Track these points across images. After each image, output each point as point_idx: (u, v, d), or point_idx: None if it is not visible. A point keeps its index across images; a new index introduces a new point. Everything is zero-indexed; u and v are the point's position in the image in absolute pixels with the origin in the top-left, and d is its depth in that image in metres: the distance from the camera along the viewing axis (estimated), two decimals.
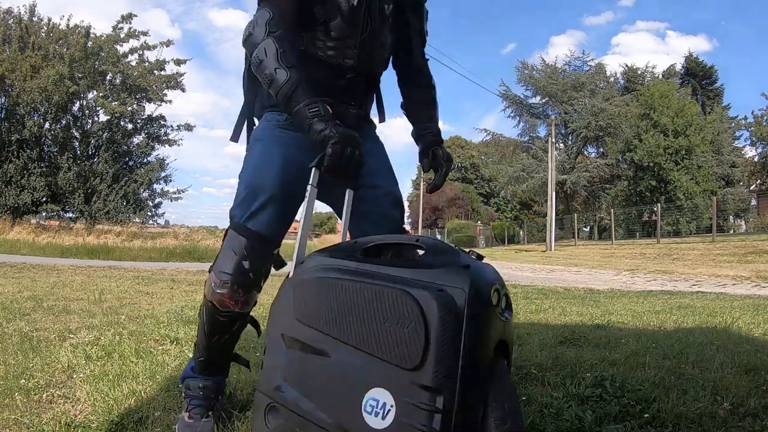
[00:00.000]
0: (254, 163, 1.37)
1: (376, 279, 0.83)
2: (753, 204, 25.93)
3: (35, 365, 1.95)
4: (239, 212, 1.33)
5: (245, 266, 1.32)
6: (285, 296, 1.00)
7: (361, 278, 0.84)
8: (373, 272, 0.86)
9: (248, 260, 1.32)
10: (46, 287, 4.85)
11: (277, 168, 1.34)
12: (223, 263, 1.32)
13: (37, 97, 14.72)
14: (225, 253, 1.33)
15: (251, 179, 1.35)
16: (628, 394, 1.68)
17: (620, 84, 31.15)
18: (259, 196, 1.32)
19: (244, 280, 1.33)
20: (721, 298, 5.53)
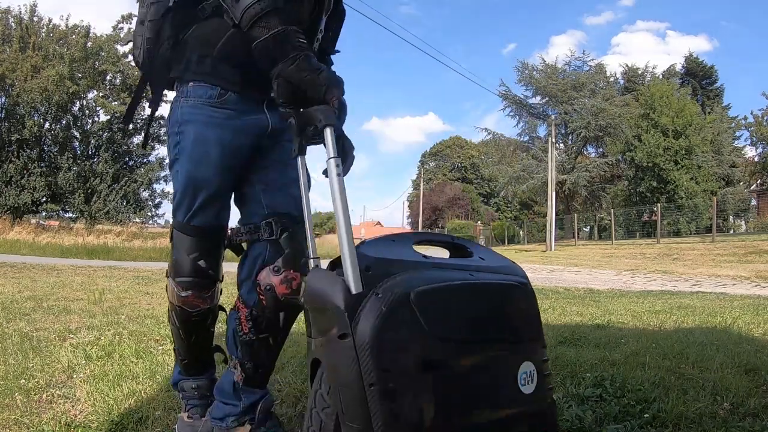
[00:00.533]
0: (189, 155, 1.22)
1: (481, 273, 0.92)
2: (753, 204, 25.92)
3: (35, 365, 1.95)
4: (181, 212, 1.25)
5: (202, 265, 1.25)
6: (382, 319, 0.76)
7: (472, 275, 0.89)
8: (468, 266, 0.92)
9: (203, 258, 1.25)
10: (46, 287, 4.85)
11: (217, 160, 1.22)
12: (179, 268, 1.25)
13: (38, 97, 14.73)
14: (177, 256, 1.26)
15: (189, 175, 1.23)
16: (628, 394, 1.68)
17: (620, 84, 31.17)
18: (199, 193, 1.23)
19: (204, 279, 1.27)
20: (721, 298, 5.53)
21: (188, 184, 1.23)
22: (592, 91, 28.27)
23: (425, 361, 0.77)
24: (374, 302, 0.76)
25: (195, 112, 1.22)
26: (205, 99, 1.22)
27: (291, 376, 1.84)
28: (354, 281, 0.78)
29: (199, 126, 1.22)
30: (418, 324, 0.77)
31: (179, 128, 1.24)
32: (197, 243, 1.24)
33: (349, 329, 0.75)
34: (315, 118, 0.98)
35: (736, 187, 26.25)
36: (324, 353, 0.79)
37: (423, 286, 0.79)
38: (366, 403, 0.72)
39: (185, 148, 1.23)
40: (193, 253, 1.24)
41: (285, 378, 1.81)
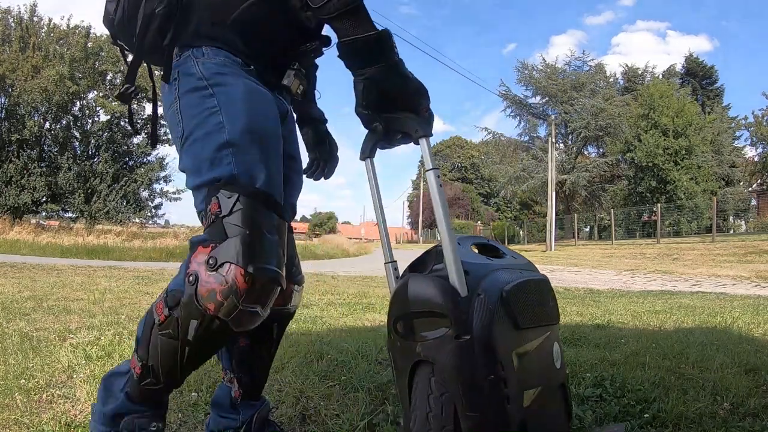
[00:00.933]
0: (244, 102, 0.98)
1: (524, 271, 1.03)
2: (753, 204, 25.93)
3: (35, 365, 1.95)
4: (258, 173, 0.95)
5: (283, 252, 0.98)
6: (489, 317, 0.86)
7: (522, 273, 1.01)
8: (518, 265, 1.04)
9: (280, 246, 0.97)
10: (46, 287, 4.86)
11: (275, 110, 1.04)
12: (265, 250, 0.92)
13: (38, 97, 14.74)
14: (256, 236, 0.92)
15: (250, 126, 0.96)
16: (628, 394, 1.68)
17: (620, 84, 31.19)
18: (270, 146, 0.99)
19: (283, 271, 0.97)
20: (721, 298, 5.53)
21: (248, 132, 0.96)
22: (592, 91, 28.29)
23: (518, 350, 0.89)
24: (480, 303, 0.86)
25: (229, 67, 1.02)
26: (231, 62, 1.03)
27: (291, 376, 1.84)
28: (461, 286, 0.87)
29: (243, 77, 1.01)
30: (512, 318, 0.88)
31: (211, 81, 0.99)
32: (278, 224, 0.97)
33: (466, 329, 0.84)
34: (410, 127, 0.96)
35: (736, 187, 26.27)
36: (438, 354, 0.86)
37: (507, 286, 0.90)
38: (483, 393, 0.83)
39: (233, 96, 0.98)
40: (275, 233, 0.96)
41: (285, 378, 1.81)
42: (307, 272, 8.18)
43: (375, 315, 3.65)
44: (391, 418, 1.45)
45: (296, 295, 1.23)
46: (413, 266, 0.98)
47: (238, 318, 0.91)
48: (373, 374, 1.87)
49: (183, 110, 1.00)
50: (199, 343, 0.95)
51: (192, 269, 0.92)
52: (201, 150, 0.97)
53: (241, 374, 1.21)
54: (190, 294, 0.92)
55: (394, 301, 0.94)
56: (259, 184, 0.95)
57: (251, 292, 0.90)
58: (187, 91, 1.00)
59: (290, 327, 2.96)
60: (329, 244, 21.60)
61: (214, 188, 0.95)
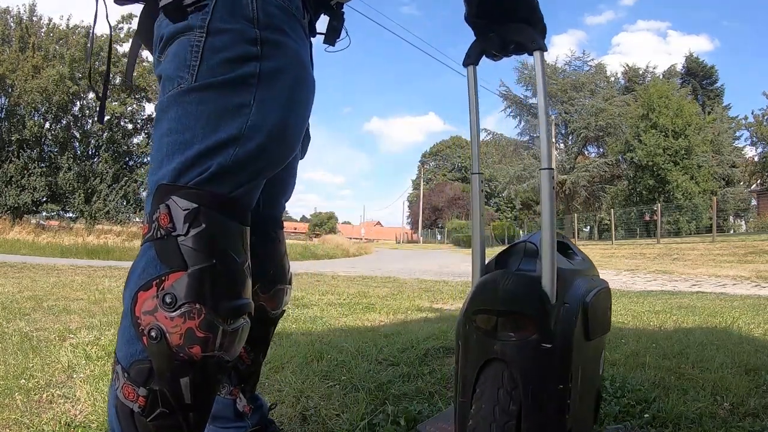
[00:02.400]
0: (290, 90, 0.77)
1: (594, 278, 1.02)
2: (753, 204, 25.93)
3: (35, 365, 1.95)
4: (240, 176, 0.76)
5: (247, 274, 0.80)
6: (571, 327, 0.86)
7: (593, 279, 1.01)
8: (589, 270, 1.04)
9: (248, 264, 0.80)
10: (46, 287, 4.85)
11: (310, 109, 0.86)
12: (236, 282, 0.76)
13: (38, 97, 14.74)
14: (225, 261, 0.74)
15: (285, 124, 0.78)
16: (628, 394, 1.68)
17: (621, 84, 31.19)
18: (281, 157, 0.81)
19: (250, 298, 0.82)
20: (721, 298, 5.52)
21: (277, 139, 0.77)
22: (592, 91, 28.30)
23: (582, 361, 0.90)
24: (566, 312, 0.86)
25: (289, 19, 0.78)
26: (293, 6, 0.80)
27: (291, 376, 1.84)
28: (552, 293, 0.85)
29: (300, 46, 0.80)
30: (587, 330, 0.89)
31: (265, 33, 0.74)
32: (242, 234, 0.78)
33: (550, 337, 0.84)
34: (526, 37, 0.91)
35: (736, 187, 26.26)
36: (516, 356, 0.86)
37: (588, 296, 0.90)
38: (551, 401, 0.84)
39: (283, 74, 0.76)
40: (243, 253, 0.78)
41: (285, 378, 1.81)
42: (307, 272, 8.16)
43: (375, 315, 3.65)
44: (391, 418, 1.45)
45: (288, 294, 1.18)
46: (500, 260, 0.97)
47: (228, 344, 0.75)
48: (373, 374, 1.87)
49: (207, 51, 0.73)
50: (201, 398, 0.76)
51: (146, 324, 0.72)
52: (203, 122, 0.73)
53: (244, 384, 1.16)
54: (161, 353, 0.72)
55: (479, 293, 0.91)
56: (235, 191, 0.75)
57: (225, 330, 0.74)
58: (226, 29, 0.73)
59: (290, 327, 2.96)
60: (329, 244, 21.59)
61: (170, 188, 0.73)
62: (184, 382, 0.73)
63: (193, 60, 0.74)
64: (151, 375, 0.73)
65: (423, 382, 1.80)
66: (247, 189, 0.77)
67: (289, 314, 3.48)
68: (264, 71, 0.74)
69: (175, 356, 0.72)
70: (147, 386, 0.73)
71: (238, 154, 0.74)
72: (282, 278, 1.12)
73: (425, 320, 3.47)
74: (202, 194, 0.72)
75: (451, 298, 4.91)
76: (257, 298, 1.05)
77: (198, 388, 0.75)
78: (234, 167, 0.74)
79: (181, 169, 0.73)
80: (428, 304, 4.40)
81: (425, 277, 8.60)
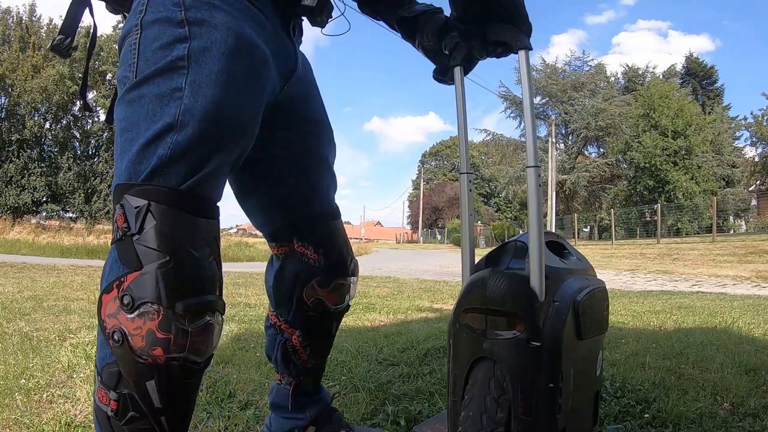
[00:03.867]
0: (224, 63, 0.73)
1: (589, 277, 1.02)
2: (753, 204, 25.94)
3: (35, 365, 1.95)
4: (176, 170, 0.71)
5: (216, 270, 0.76)
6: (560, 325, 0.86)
7: (588, 279, 1.00)
8: (583, 270, 1.04)
9: (215, 257, 0.76)
10: (46, 287, 4.85)
11: (260, 89, 0.79)
12: (186, 279, 0.72)
13: (38, 96, 14.76)
14: (177, 254, 0.71)
15: (222, 100, 0.73)
16: (628, 394, 1.68)
17: (621, 84, 31.20)
18: (225, 144, 0.75)
19: (221, 294, 0.78)
20: (721, 298, 5.52)
21: (213, 119, 0.72)
22: (592, 91, 28.30)
23: (575, 360, 0.90)
24: (557, 310, 0.86)
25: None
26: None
27: None
28: (541, 291, 0.85)
29: (236, 18, 0.75)
30: (579, 329, 0.89)
31: (190, 13, 0.73)
32: (203, 228, 0.74)
33: (538, 335, 0.84)
34: (510, 37, 0.91)
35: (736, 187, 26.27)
36: (505, 354, 0.86)
37: (579, 295, 0.89)
38: (541, 400, 0.84)
39: (212, 50, 0.72)
40: (204, 247, 0.74)
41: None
42: None
43: (375, 315, 3.64)
44: (391, 418, 1.45)
45: (352, 288, 1.13)
46: (490, 259, 0.97)
47: (194, 345, 0.71)
48: (373, 374, 1.87)
49: (142, 45, 0.73)
50: (172, 401, 0.73)
51: (110, 327, 0.72)
52: (143, 115, 0.71)
53: (302, 377, 1.14)
54: (124, 356, 0.71)
55: (469, 292, 0.91)
56: (184, 183, 0.71)
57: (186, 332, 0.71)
58: (155, 20, 0.73)
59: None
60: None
61: (123, 187, 0.72)
62: (150, 386, 0.71)
63: (132, 58, 0.74)
64: (120, 379, 0.72)
65: (423, 382, 1.80)
66: (200, 179, 0.73)
67: None
68: (193, 51, 0.72)
69: (138, 359, 0.70)
70: (117, 390, 0.73)
71: (177, 142, 0.71)
72: (341, 272, 1.08)
73: (425, 320, 3.47)
74: (149, 189, 0.70)
75: (451, 298, 4.91)
76: (314, 293, 1.05)
77: (167, 392, 0.72)
78: (175, 156, 0.71)
79: (130, 166, 0.72)
80: (428, 304, 4.40)
81: (425, 277, 8.60)
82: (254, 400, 1.58)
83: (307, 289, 1.05)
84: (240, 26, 0.75)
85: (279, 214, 1.03)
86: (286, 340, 1.11)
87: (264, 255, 14.01)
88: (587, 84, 28.42)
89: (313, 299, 1.05)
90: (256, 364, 1.96)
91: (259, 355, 2.12)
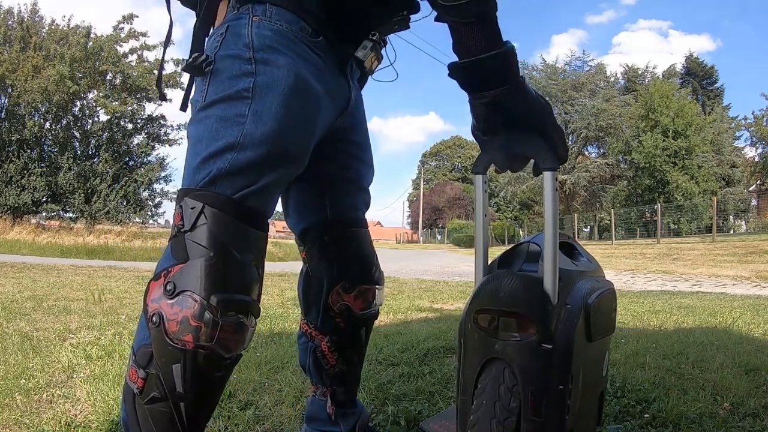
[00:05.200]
0: (283, 100, 0.82)
1: (599, 280, 1.00)
2: (753, 204, 25.95)
3: (35, 365, 1.95)
4: (232, 182, 0.80)
5: (256, 276, 0.83)
6: (572, 328, 0.85)
7: (599, 281, 0.99)
8: (594, 272, 1.02)
9: (260, 266, 0.85)
10: (46, 287, 4.85)
11: (313, 123, 0.88)
12: (227, 276, 0.78)
13: (38, 97, 14.75)
14: (220, 256, 0.78)
15: (279, 131, 0.82)
16: (628, 394, 1.68)
17: (621, 84, 31.20)
18: (277, 166, 0.83)
19: (257, 300, 0.84)
20: (721, 298, 5.52)
21: (269, 145, 0.81)
22: (592, 91, 28.32)
23: (585, 361, 0.89)
24: (568, 313, 0.86)
25: (287, 40, 0.85)
26: (296, 28, 0.86)
27: (291, 376, 1.83)
28: (554, 294, 0.84)
29: (297, 61, 0.84)
30: (589, 331, 0.88)
31: (258, 54, 0.83)
32: (252, 237, 0.82)
33: (550, 338, 0.84)
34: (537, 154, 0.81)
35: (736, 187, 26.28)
36: (516, 356, 0.86)
37: (590, 298, 0.89)
38: (552, 400, 0.84)
39: (274, 87, 0.82)
40: (248, 252, 0.81)
41: (285, 378, 1.81)
42: None
43: None
44: (391, 419, 1.45)
45: (379, 295, 1.16)
46: (502, 261, 0.97)
47: (221, 338, 0.77)
48: (373, 374, 1.87)
49: (213, 75, 0.84)
50: (193, 390, 0.78)
51: (152, 310, 0.78)
52: (207, 133, 0.82)
53: (335, 387, 1.16)
54: (158, 338, 0.77)
55: (481, 293, 0.91)
56: (238, 194, 0.80)
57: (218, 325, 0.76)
58: (228, 55, 0.84)
59: (290, 327, 2.96)
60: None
61: (184, 191, 0.81)
62: (176, 370, 0.77)
63: (204, 85, 0.85)
64: (151, 359, 0.78)
65: (423, 382, 1.80)
66: (250, 193, 0.81)
67: (288, 314, 3.48)
68: (258, 85, 0.82)
69: (170, 342, 0.76)
70: (146, 369, 0.78)
71: (237, 160, 0.80)
72: (365, 278, 1.12)
73: (425, 320, 3.47)
74: (206, 195, 0.79)
75: (451, 298, 4.91)
76: (340, 298, 1.10)
77: (190, 379, 0.77)
78: (233, 171, 0.80)
79: (193, 174, 0.82)
80: (428, 304, 4.40)
81: (425, 277, 8.59)
82: (254, 400, 1.58)
83: (333, 294, 1.10)
84: (299, 68, 0.85)
85: (309, 218, 1.10)
86: (317, 347, 1.14)
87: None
88: (587, 84, 28.44)
89: (339, 305, 1.10)
90: (256, 364, 1.96)
91: (259, 355, 2.12)
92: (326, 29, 0.90)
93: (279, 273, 7.65)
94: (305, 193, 1.09)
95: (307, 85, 0.86)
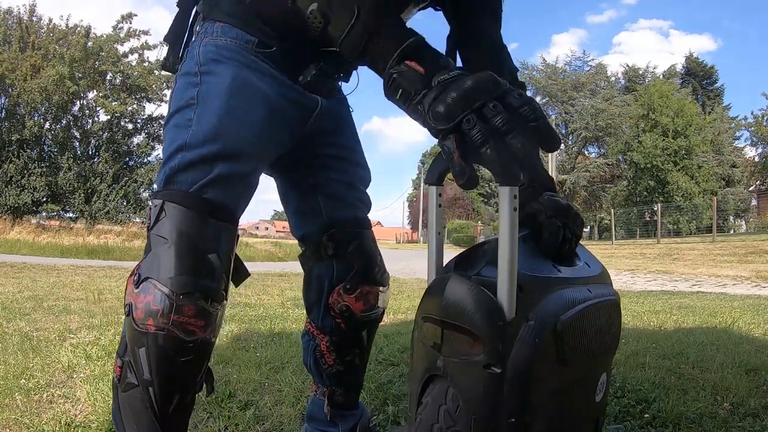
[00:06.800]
0: (221, 102, 0.88)
1: (593, 287, 0.83)
2: (753, 204, 25.94)
3: (35, 365, 1.95)
4: (188, 176, 0.86)
5: (213, 262, 0.85)
6: (532, 351, 0.70)
7: (590, 291, 0.82)
8: (588, 278, 0.85)
9: (216, 252, 0.85)
10: (46, 287, 4.85)
11: (259, 120, 0.91)
12: (175, 261, 0.81)
13: (38, 97, 14.73)
14: (172, 243, 0.82)
15: (216, 128, 0.87)
16: (628, 394, 1.68)
17: (621, 84, 31.20)
18: (223, 160, 0.88)
19: (215, 285, 0.85)
20: (721, 298, 5.52)
21: (211, 140, 0.87)
22: (592, 91, 28.32)
23: (554, 389, 0.75)
24: (527, 331, 0.70)
25: (230, 52, 0.91)
26: (242, 42, 0.92)
27: (291, 376, 1.83)
28: (508, 308, 0.69)
29: (238, 68, 0.91)
30: (560, 354, 0.73)
31: (203, 68, 0.91)
32: (211, 226, 0.86)
33: (499, 360, 0.69)
34: (494, 170, 0.70)
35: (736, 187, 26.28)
36: (459, 377, 0.73)
37: (566, 314, 0.73)
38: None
39: (213, 91, 0.89)
40: (209, 242, 0.85)
41: (285, 378, 1.81)
42: None
43: None
44: (391, 419, 1.45)
45: (382, 297, 1.15)
46: (460, 262, 0.80)
47: (179, 321, 0.80)
48: (373, 374, 1.87)
49: (174, 93, 0.95)
50: (159, 374, 0.81)
51: (126, 302, 0.85)
52: (168, 142, 0.91)
53: (335, 387, 1.17)
54: (129, 326, 0.83)
55: (428, 297, 0.79)
56: (192, 186, 0.86)
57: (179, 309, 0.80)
58: (182, 73, 0.95)
59: (290, 327, 2.96)
60: None
61: (154, 193, 0.90)
62: (141, 353, 0.81)
63: (170, 100, 0.96)
64: (126, 347, 0.85)
65: None
66: (204, 185, 0.87)
67: (288, 314, 3.48)
68: (201, 92, 0.91)
69: (136, 328, 0.81)
70: (122, 357, 0.85)
71: (185, 157, 0.88)
72: (366, 279, 1.12)
73: None
74: (165, 192, 0.87)
75: None
76: (341, 299, 1.11)
77: (155, 362, 0.81)
78: (184, 167, 0.87)
79: (159, 177, 0.90)
80: None
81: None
82: (254, 400, 1.58)
83: (333, 295, 1.11)
84: (239, 72, 0.92)
85: (306, 222, 1.14)
86: (317, 346, 1.16)
87: (263, 255, 14.01)
88: (587, 84, 28.46)
89: (340, 305, 1.11)
90: (256, 364, 1.96)
91: (259, 355, 2.12)
92: (275, 41, 0.95)
93: (279, 273, 7.65)
94: (298, 199, 1.13)
95: (249, 85, 0.92)
